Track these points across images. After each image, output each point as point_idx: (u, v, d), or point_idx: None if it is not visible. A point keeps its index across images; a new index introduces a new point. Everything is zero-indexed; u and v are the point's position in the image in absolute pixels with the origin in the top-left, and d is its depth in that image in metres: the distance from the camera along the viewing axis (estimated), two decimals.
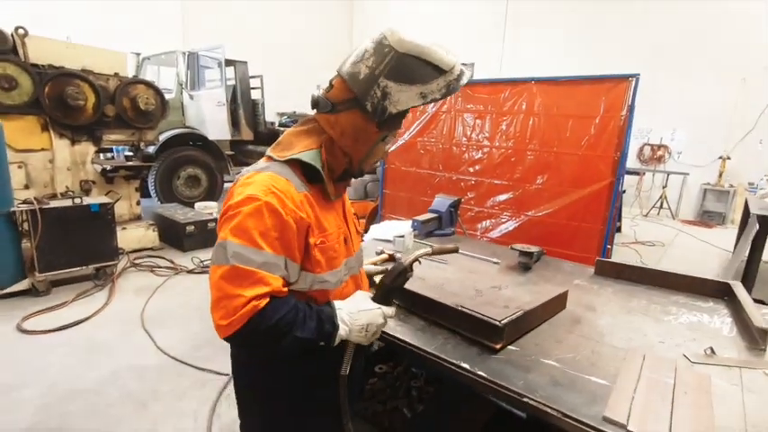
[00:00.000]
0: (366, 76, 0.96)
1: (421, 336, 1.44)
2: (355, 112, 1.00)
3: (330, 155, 1.06)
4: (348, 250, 1.13)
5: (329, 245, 1.04)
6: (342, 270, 1.09)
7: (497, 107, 3.28)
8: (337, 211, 1.12)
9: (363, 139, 1.03)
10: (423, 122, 3.75)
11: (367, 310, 1.06)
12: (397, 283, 1.10)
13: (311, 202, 1.01)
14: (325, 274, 1.04)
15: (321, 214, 1.03)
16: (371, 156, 1.08)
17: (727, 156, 8.19)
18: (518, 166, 3.24)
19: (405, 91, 0.94)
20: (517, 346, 1.37)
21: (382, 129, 1.01)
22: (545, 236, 3.11)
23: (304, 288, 1.03)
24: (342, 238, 1.10)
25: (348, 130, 1.02)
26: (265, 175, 0.98)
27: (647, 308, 1.70)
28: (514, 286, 1.90)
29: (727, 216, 8.21)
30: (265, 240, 0.91)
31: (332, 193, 1.07)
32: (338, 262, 1.07)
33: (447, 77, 0.96)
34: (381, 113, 0.96)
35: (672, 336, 1.48)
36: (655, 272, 1.95)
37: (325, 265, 1.03)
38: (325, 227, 1.04)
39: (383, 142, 1.07)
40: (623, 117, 2.75)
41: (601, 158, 2.84)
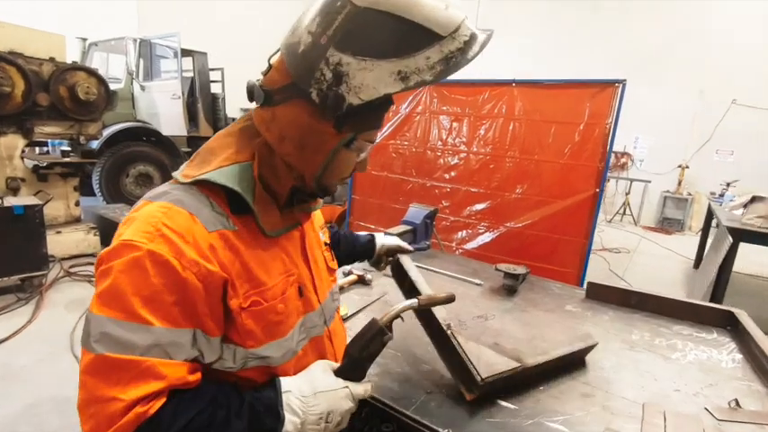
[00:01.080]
0: (308, 47, 0.65)
1: (399, 387, 1.16)
2: (298, 105, 0.68)
3: (267, 169, 0.74)
4: (307, 303, 0.82)
5: (268, 305, 0.72)
6: (294, 336, 0.78)
7: (476, 110, 3.07)
8: (288, 249, 0.80)
9: (314, 144, 0.71)
10: (396, 123, 3.48)
11: (328, 390, 0.74)
12: (369, 350, 0.77)
13: (234, 244, 0.69)
14: (262, 348, 0.72)
15: (255, 260, 0.72)
16: (333, 170, 0.76)
17: (686, 164, 8.45)
18: (496, 173, 3.04)
19: (371, 69, 0.62)
20: (514, 403, 1.12)
21: (342, 129, 0.69)
22: (524, 248, 2.93)
23: (233, 367, 0.71)
24: (294, 290, 0.79)
25: (289, 132, 0.71)
26: (156, 206, 0.66)
27: (652, 342, 1.51)
28: (501, 314, 1.67)
29: (685, 223, 8.47)
30: (153, 310, 0.60)
31: (271, 225, 0.75)
32: (286, 327, 0.76)
33: (446, 45, 0.63)
34: (335, 105, 0.64)
35: (686, 380, 1.28)
36: (653, 297, 1.77)
37: (263, 335, 0.72)
38: (262, 279, 0.72)
39: (348, 149, 0.73)
40: (609, 125, 2.60)
41: (584, 168, 2.68)
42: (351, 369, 0.79)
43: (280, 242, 0.78)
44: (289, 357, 0.77)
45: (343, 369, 0.79)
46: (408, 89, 0.65)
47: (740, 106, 7.83)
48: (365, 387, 0.79)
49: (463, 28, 0.65)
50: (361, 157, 0.80)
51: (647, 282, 5.00)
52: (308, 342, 0.83)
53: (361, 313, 1.60)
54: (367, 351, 0.78)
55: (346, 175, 0.80)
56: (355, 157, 0.78)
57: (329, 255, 0.96)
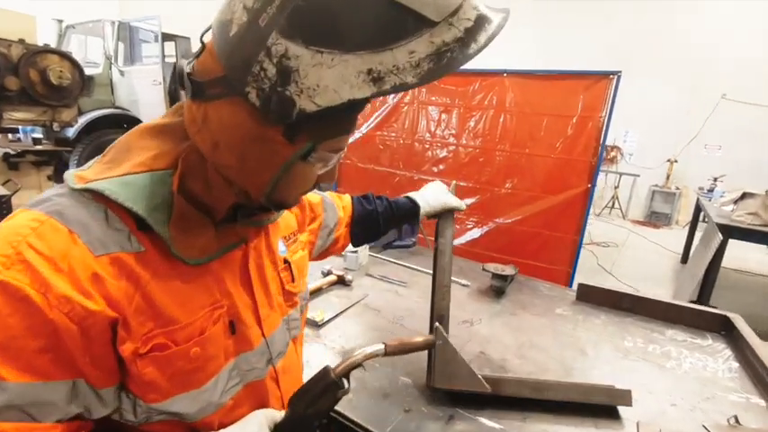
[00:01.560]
0: (242, 29, 0.48)
1: (375, 405, 1.06)
2: (236, 104, 0.51)
3: (196, 183, 0.58)
4: (242, 342, 0.66)
5: (178, 350, 0.56)
6: (217, 385, 0.62)
7: (465, 101, 2.95)
8: (220, 274, 0.63)
9: (259, 157, 0.55)
10: (383, 114, 3.35)
11: None
12: (317, 407, 0.65)
13: (134, 270, 0.53)
14: (168, 403, 0.57)
15: (166, 291, 0.56)
16: (287, 186, 0.59)
17: (675, 159, 8.46)
18: (486, 167, 2.94)
19: (330, 65, 0.46)
20: (498, 421, 1.03)
21: (296, 139, 0.53)
22: (514, 245, 2.85)
23: (133, 421, 0.57)
24: (221, 327, 0.62)
25: (225, 139, 0.54)
26: (27, 218, 0.50)
27: (645, 349, 1.43)
28: (490, 318, 1.58)
29: (672, 217, 8.50)
30: (7, 360, 0.45)
31: (198, 251, 0.58)
32: (204, 375, 0.60)
33: (438, 35, 0.47)
34: (281, 112, 0.48)
35: (682, 393, 1.21)
36: (645, 300, 1.69)
37: (169, 387, 0.57)
38: (173, 315, 0.56)
39: (306, 162, 0.57)
40: (603, 118, 2.51)
41: (577, 163, 2.59)
42: (293, 427, 0.65)
43: (209, 267, 0.61)
44: (210, 411, 0.62)
45: (284, 426, 0.65)
46: (383, 93, 0.48)
47: (729, 101, 7.83)
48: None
49: (466, 9, 0.48)
50: (326, 169, 0.63)
51: (635, 277, 4.98)
52: (242, 388, 0.67)
53: (339, 318, 1.50)
54: (314, 408, 0.64)
55: (306, 189, 0.65)
56: (317, 170, 0.61)
57: (288, 275, 0.77)
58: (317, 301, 1.61)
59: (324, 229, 1.02)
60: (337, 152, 0.61)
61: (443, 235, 1.15)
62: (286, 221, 0.83)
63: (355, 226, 1.12)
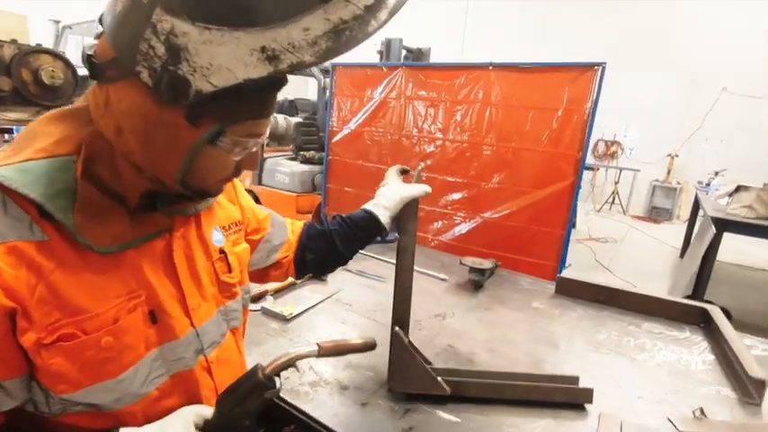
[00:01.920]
0: (127, 5, 0.48)
1: (331, 398, 1.05)
2: (134, 86, 0.50)
3: (104, 169, 0.57)
4: (165, 331, 0.64)
5: (88, 339, 0.55)
6: (136, 375, 0.61)
7: (452, 95, 2.93)
8: (138, 264, 0.61)
9: (163, 141, 0.54)
10: (370, 110, 3.33)
11: None
12: (245, 406, 0.63)
13: (36, 260, 0.52)
14: (80, 394, 0.56)
15: (72, 281, 0.54)
16: (201, 172, 0.58)
17: (675, 153, 8.38)
18: (473, 161, 2.92)
19: (220, 42, 0.45)
20: (457, 415, 1.01)
21: (200, 122, 0.52)
22: (502, 240, 2.82)
23: (48, 413, 0.57)
24: (139, 316, 0.61)
25: (127, 123, 0.53)
26: None
27: (619, 342, 1.41)
28: (464, 313, 1.56)
29: (673, 212, 8.43)
30: None
31: (110, 239, 0.57)
32: (119, 365, 0.59)
33: (334, 11, 0.46)
34: (176, 92, 0.47)
35: (651, 386, 1.18)
36: (624, 293, 1.67)
37: (81, 377, 0.56)
38: (82, 304, 0.55)
39: (215, 147, 0.55)
40: (588, 110, 2.47)
41: (563, 156, 2.56)
42: (221, 426, 0.63)
43: (124, 256, 0.60)
44: (128, 402, 0.60)
45: (212, 425, 0.63)
46: (280, 72, 0.47)
47: (731, 94, 7.74)
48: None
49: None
50: (244, 155, 0.61)
51: (633, 272, 4.94)
52: (169, 379, 0.65)
53: (309, 313, 1.48)
54: (241, 407, 0.63)
55: (225, 176, 0.63)
56: (234, 156, 0.59)
57: (223, 265, 0.75)
58: (288, 295, 1.60)
59: (265, 243, 0.96)
60: (254, 137, 0.59)
61: (405, 231, 1.06)
62: (226, 211, 0.81)
63: (307, 251, 1.02)
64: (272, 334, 1.33)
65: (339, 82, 3.52)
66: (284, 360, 0.65)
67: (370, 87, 3.32)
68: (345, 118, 3.51)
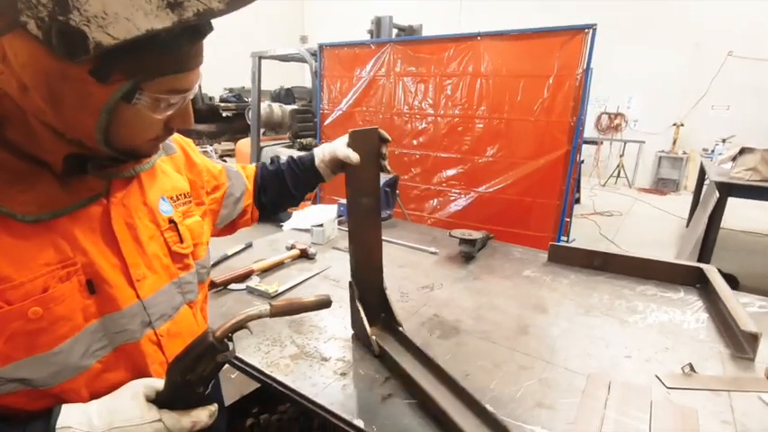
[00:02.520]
0: None
1: (309, 369, 1.04)
2: (24, 37, 0.45)
3: (18, 131, 0.53)
4: (106, 302, 0.61)
5: (12, 309, 0.52)
6: (74, 347, 0.58)
7: (441, 68, 2.86)
8: (71, 231, 0.58)
9: (72, 99, 0.50)
10: (360, 89, 3.28)
11: (128, 426, 0.56)
12: (197, 372, 0.60)
13: None
14: (8, 368, 0.53)
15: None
16: (124, 132, 0.54)
17: (681, 122, 8.19)
18: (466, 136, 2.86)
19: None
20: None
21: (108, 78, 0.48)
22: (498, 214, 2.78)
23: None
24: (75, 285, 0.57)
25: (29, 81, 0.48)
26: None
27: (611, 305, 1.38)
28: (452, 283, 1.54)
29: (680, 183, 8.28)
30: None
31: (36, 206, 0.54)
32: (53, 336, 0.56)
33: None
34: (71, 46, 0.43)
35: (640, 345, 1.15)
36: (619, 257, 1.63)
37: (9, 350, 0.52)
38: (2, 274, 0.52)
39: (132, 104, 0.51)
40: (579, 76, 2.40)
41: (556, 125, 2.50)
42: (173, 395, 0.61)
43: (57, 222, 0.57)
44: (68, 376, 0.57)
45: (164, 395, 0.61)
46: (186, 21, 0.43)
47: (737, 58, 7.51)
48: (196, 417, 0.61)
49: None
50: (173, 111, 0.57)
51: (638, 244, 4.88)
52: (112, 351, 0.62)
53: (295, 290, 1.47)
54: (193, 373, 0.60)
55: (155, 135, 0.59)
56: (156, 114, 0.55)
57: (174, 235, 0.72)
58: (275, 275, 1.58)
59: (229, 197, 0.96)
60: (177, 93, 0.55)
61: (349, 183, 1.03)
62: (172, 182, 0.78)
63: (262, 193, 1.05)
64: None
65: (327, 63, 3.46)
66: (235, 321, 0.63)
67: (359, 66, 3.26)
68: (336, 99, 3.46)
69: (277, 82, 7.64)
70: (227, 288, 1.45)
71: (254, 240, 1.89)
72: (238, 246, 1.80)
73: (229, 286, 1.45)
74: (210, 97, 7.75)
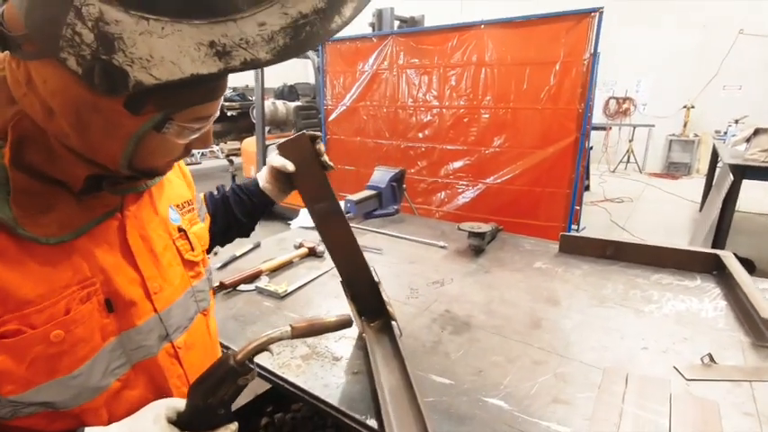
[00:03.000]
0: None
1: (321, 370, 1.03)
2: (58, 67, 0.45)
3: (38, 154, 0.52)
4: (123, 319, 0.60)
5: (35, 333, 0.51)
6: (94, 368, 0.57)
7: (445, 59, 2.82)
8: (89, 249, 0.57)
9: (100, 127, 0.49)
10: (363, 84, 3.25)
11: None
12: (218, 395, 0.60)
13: None
14: (31, 393, 0.52)
15: (12, 272, 0.50)
16: (147, 156, 0.55)
17: (691, 105, 8.02)
18: (472, 127, 2.82)
19: (161, 35, 0.40)
20: (451, 377, 0.98)
21: (141, 109, 0.48)
22: (507, 205, 2.75)
23: (7, 417, 0.52)
24: (95, 305, 0.57)
25: (57, 106, 0.48)
26: None
27: (625, 295, 1.35)
28: (462, 278, 1.52)
29: (692, 166, 8.14)
30: None
31: (57, 227, 0.53)
32: (74, 359, 0.55)
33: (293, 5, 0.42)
34: (112, 84, 0.42)
35: (657, 336, 1.13)
36: (632, 246, 1.60)
37: (31, 375, 0.51)
38: (24, 297, 0.51)
39: (161, 133, 0.51)
40: (586, 61, 2.35)
41: (563, 112, 2.45)
42: (195, 418, 0.60)
43: (75, 242, 0.56)
44: (88, 397, 0.56)
45: (185, 417, 0.60)
46: (234, 71, 0.43)
47: (748, 36, 7.32)
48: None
49: None
50: (192, 137, 0.57)
51: (651, 230, 4.81)
52: (131, 369, 0.62)
53: (304, 289, 1.46)
54: (215, 397, 0.60)
55: (174, 157, 0.60)
56: (181, 140, 0.55)
57: (185, 243, 0.73)
58: (284, 274, 1.58)
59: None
60: (203, 121, 0.55)
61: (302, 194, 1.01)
62: (176, 190, 0.77)
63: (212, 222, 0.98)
64: (265, 312, 1.31)
65: (330, 59, 3.43)
66: (256, 344, 0.62)
67: (362, 60, 3.23)
68: (339, 95, 3.43)
69: (280, 79, 7.63)
70: (236, 289, 1.45)
71: (262, 240, 1.89)
72: (247, 246, 1.80)
73: (239, 287, 1.45)
74: None
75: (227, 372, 0.60)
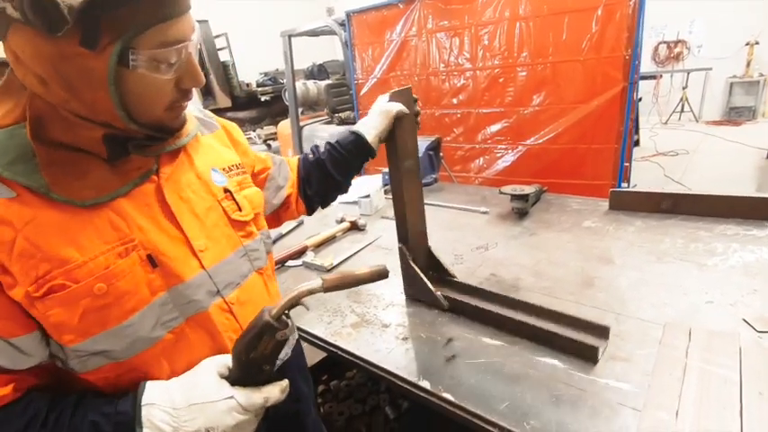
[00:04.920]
0: None
1: (371, 336, 1.06)
2: (18, 29, 0.49)
3: (59, 128, 0.56)
4: (170, 275, 0.63)
5: (79, 287, 0.55)
6: (144, 320, 0.61)
7: (475, 18, 2.67)
8: (124, 210, 0.61)
9: (81, 80, 0.52)
10: (392, 53, 3.16)
11: (204, 402, 0.59)
12: (259, 350, 0.61)
13: (7, 216, 0.53)
14: (87, 342, 0.57)
15: (53, 232, 0.54)
16: (138, 101, 0.56)
17: (755, 41, 7.24)
18: (508, 86, 2.69)
19: None
20: (503, 340, 0.98)
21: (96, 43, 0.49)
22: (550, 165, 2.63)
23: (75, 370, 0.58)
24: (136, 261, 0.60)
25: (43, 72, 0.52)
26: None
27: (686, 249, 1.27)
28: (506, 241, 1.49)
29: (757, 110, 7.41)
30: None
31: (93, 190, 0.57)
32: (122, 310, 0.59)
33: None
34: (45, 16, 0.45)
35: (723, 288, 1.06)
36: (691, 197, 1.49)
37: (84, 325, 0.56)
38: (65, 255, 0.55)
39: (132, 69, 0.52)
40: (632, 3, 2.15)
41: (608, 60, 2.27)
42: (242, 374, 0.63)
43: (114, 204, 0.60)
44: (143, 347, 0.61)
45: (233, 373, 0.63)
46: None
47: None
48: (267, 393, 0.63)
49: None
50: (174, 70, 0.56)
51: (711, 181, 4.47)
52: (184, 322, 0.65)
53: (348, 261, 1.49)
54: (256, 352, 0.61)
55: (169, 99, 0.59)
56: (160, 74, 0.55)
57: (232, 204, 0.74)
58: (329, 249, 1.61)
59: (271, 181, 0.96)
60: (172, 45, 0.54)
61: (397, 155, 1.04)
62: (219, 154, 0.80)
63: (306, 186, 1.03)
64: None
65: (357, 31, 3.36)
66: (289, 298, 0.63)
67: (389, 29, 3.14)
68: (369, 68, 3.37)
69: (309, 59, 7.61)
70: (284, 265, 1.50)
71: (305, 217, 1.93)
72: (291, 224, 1.85)
73: (287, 263, 1.50)
74: (248, 84, 7.88)
75: (264, 326, 0.61)
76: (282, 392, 0.65)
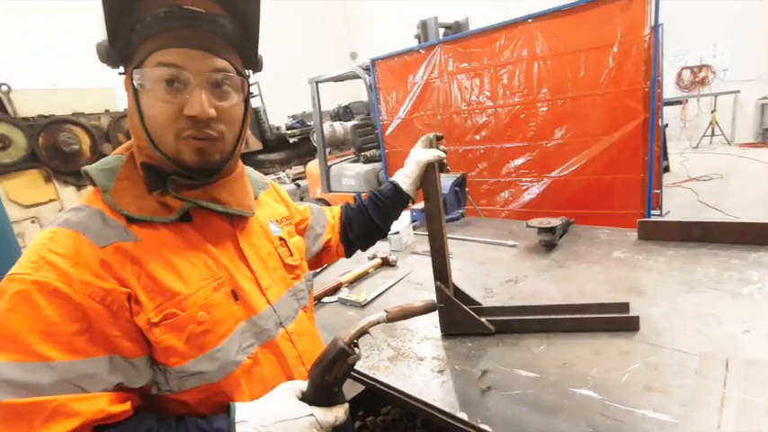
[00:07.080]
0: None
1: (407, 369, 1.10)
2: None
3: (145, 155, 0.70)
4: (247, 307, 0.74)
5: (186, 315, 0.66)
6: (232, 345, 0.70)
7: (494, 59, 2.80)
8: (213, 253, 0.72)
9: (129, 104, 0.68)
10: (415, 95, 3.32)
11: (289, 419, 0.68)
12: (332, 374, 0.71)
13: (136, 255, 0.64)
14: (190, 364, 0.66)
15: (165, 269, 0.66)
16: (150, 124, 0.65)
17: None
18: (529, 121, 2.77)
19: None
20: (536, 371, 1.00)
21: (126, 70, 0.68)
22: (576, 197, 2.65)
23: (172, 390, 0.66)
24: (224, 294, 0.71)
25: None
26: (44, 233, 0.62)
27: (719, 278, 1.27)
28: (536, 274, 1.52)
29: None
30: (53, 344, 0.56)
31: (130, 207, 0.66)
32: (215, 336, 0.68)
33: None
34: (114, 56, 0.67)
35: (759, 317, 1.06)
36: (722, 225, 1.49)
37: (187, 349, 0.65)
38: (175, 288, 0.66)
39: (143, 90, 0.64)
40: (647, 37, 2.22)
41: (627, 93, 2.32)
42: (315, 395, 0.72)
43: (201, 247, 0.72)
44: (230, 369, 0.70)
45: (308, 394, 0.72)
46: None
47: None
48: (336, 413, 0.72)
49: None
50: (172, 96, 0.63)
51: (748, 206, 4.32)
52: (259, 348, 0.75)
53: (382, 297, 1.55)
54: (330, 375, 0.71)
55: (174, 126, 0.64)
56: (161, 94, 0.63)
57: (285, 250, 0.87)
58: (362, 284, 1.68)
59: (310, 230, 1.09)
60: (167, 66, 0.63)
61: (428, 198, 1.14)
62: (273, 208, 0.94)
63: (348, 230, 1.15)
64: (350, 320, 1.42)
65: (381, 76, 3.56)
66: (359, 328, 0.73)
67: (411, 73, 3.31)
68: (393, 109, 3.54)
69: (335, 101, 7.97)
70: (320, 302, 1.57)
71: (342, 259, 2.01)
72: None
73: (323, 300, 1.57)
74: (278, 127, 8.28)
75: (339, 352, 0.70)
76: (346, 414, 0.74)
